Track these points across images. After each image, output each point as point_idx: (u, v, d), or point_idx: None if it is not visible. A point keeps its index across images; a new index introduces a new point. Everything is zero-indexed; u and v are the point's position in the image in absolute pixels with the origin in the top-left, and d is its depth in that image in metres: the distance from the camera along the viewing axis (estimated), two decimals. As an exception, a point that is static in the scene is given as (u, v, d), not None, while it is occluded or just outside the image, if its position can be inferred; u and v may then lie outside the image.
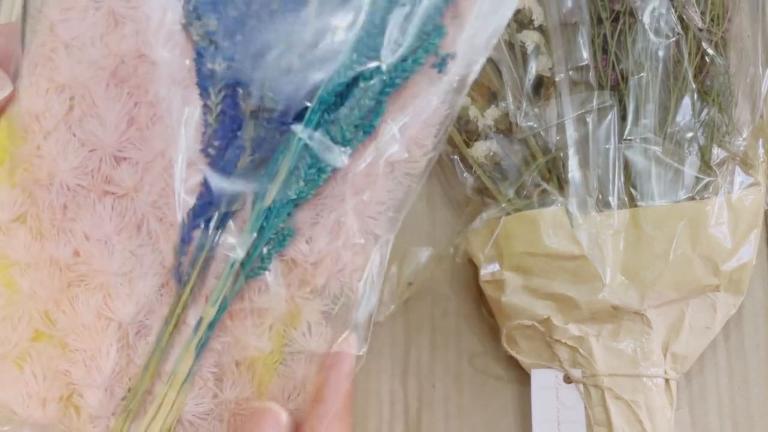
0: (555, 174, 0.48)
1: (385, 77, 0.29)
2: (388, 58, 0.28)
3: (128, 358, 0.32)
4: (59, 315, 0.32)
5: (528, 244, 0.47)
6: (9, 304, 0.32)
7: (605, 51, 0.49)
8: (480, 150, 0.50)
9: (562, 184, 0.48)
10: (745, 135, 0.49)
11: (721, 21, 0.49)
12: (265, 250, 0.31)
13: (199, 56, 0.29)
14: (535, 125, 0.49)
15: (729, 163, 0.48)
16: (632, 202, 0.47)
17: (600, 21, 0.49)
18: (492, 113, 0.50)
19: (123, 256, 0.32)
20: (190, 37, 0.30)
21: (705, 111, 0.48)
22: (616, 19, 0.49)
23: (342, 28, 0.28)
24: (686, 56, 0.48)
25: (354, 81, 0.29)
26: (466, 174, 0.50)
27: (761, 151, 0.49)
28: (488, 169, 0.49)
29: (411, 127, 0.30)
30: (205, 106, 0.30)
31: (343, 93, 0.29)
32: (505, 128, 0.50)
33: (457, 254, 0.49)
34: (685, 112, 0.48)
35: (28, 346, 0.33)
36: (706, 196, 0.47)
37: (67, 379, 0.32)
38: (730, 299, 0.47)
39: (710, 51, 0.48)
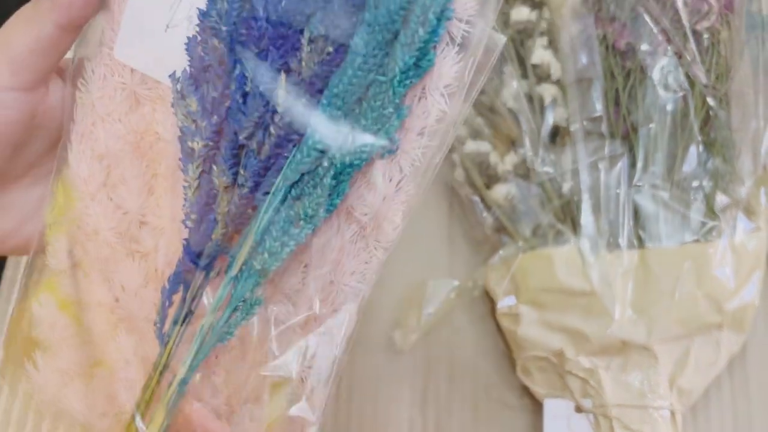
0: (569, 216, 0.52)
1: (345, 160, 0.30)
2: (345, 144, 0.30)
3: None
4: (109, 348, 0.36)
5: (543, 281, 0.50)
6: (76, 335, 0.36)
7: (617, 104, 0.53)
8: (499, 192, 0.53)
9: (575, 225, 0.51)
10: (748, 184, 0.52)
11: (724, 78, 0.53)
12: (233, 317, 0.33)
13: (182, 134, 0.32)
14: (551, 171, 0.53)
15: (732, 210, 0.51)
16: (641, 244, 0.50)
17: (613, 76, 0.53)
18: (511, 159, 0.54)
19: (150, 305, 0.35)
20: None
21: (710, 161, 0.52)
22: (627, 75, 0.53)
23: (306, 113, 0.30)
24: (692, 110, 0.52)
25: (317, 161, 0.30)
26: (485, 214, 0.54)
27: (764, 199, 0.52)
28: (507, 210, 0.53)
29: (370, 202, 0.32)
30: (185, 180, 0.33)
31: (308, 171, 0.31)
32: (523, 173, 0.53)
33: (476, 288, 0.53)
34: (692, 161, 0.51)
35: (91, 370, 0.36)
36: (710, 239, 0.50)
37: (117, 401, 0.36)
38: (734, 337, 0.50)
39: (715, 106, 0.52)
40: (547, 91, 0.54)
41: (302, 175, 0.31)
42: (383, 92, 0.30)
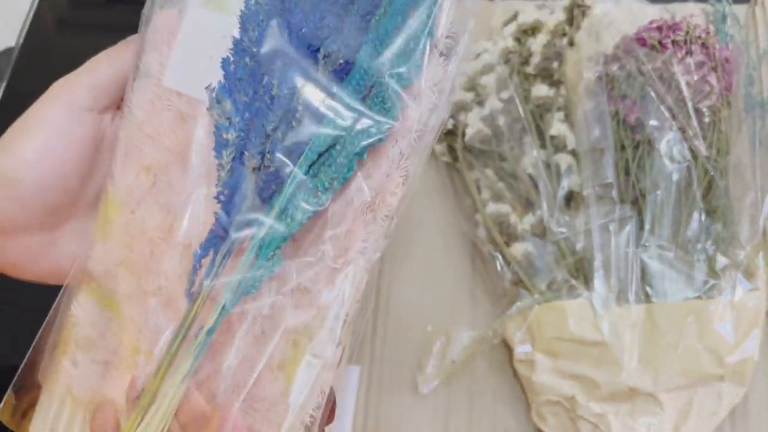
0: (581, 272, 0.57)
1: (354, 143, 0.38)
2: (354, 128, 0.38)
3: None
4: (148, 332, 0.41)
5: (557, 331, 0.55)
6: (117, 326, 0.42)
7: (627, 172, 0.58)
8: (518, 250, 0.58)
9: (587, 281, 0.56)
10: (747, 249, 0.57)
11: (724, 152, 0.58)
12: (257, 274, 0.39)
13: (217, 129, 0.39)
14: (566, 231, 0.57)
15: (732, 270, 0.55)
16: (647, 299, 0.55)
17: (623, 148, 0.59)
18: (529, 220, 0.59)
19: None
20: None
21: (712, 226, 0.57)
22: (636, 147, 0.58)
23: (322, 110, 0.38)
24: (696, 180, 0.57)
25: (332, 143, 0.38)
26: (505, 269, 0.58)
27: (762, 263, 0.57)
28: (524, 265, 0.58)
29: (377, 179, 0.39)
30: (219, 164, 0.40)
31: (323, 153, 0.38)
32: (540, 232, 0.58)
33: (495, 337, 0.57)
34: (695, 225, 0.56)
35: (129, 356, 0.41)
36: (712, 296, 0.54)
37: None
38: (734, 389, 0.54)
39: (716, 176, 0.57)
40: (563, 159, 0.60)
41: (319, 155, 0.38)
42: (384, 91, 0.37)
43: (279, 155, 0.38)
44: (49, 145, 0.42)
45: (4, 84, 0.79)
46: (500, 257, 0.59)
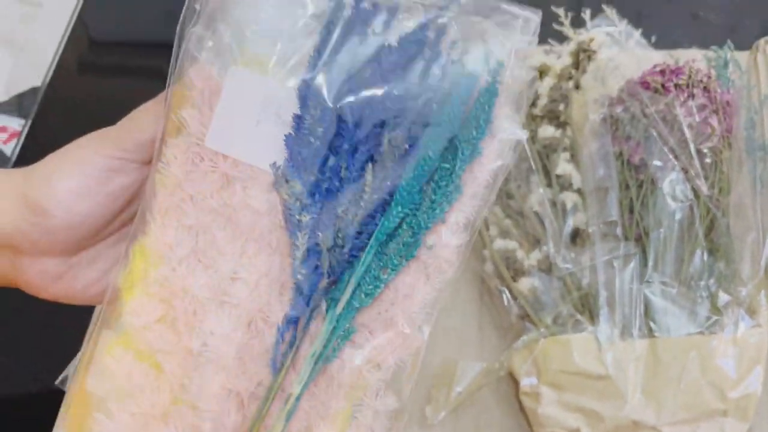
0: (586, 307, 0.58)
1: (419, 221, 0.40)
2: (420, 209, 0.40)
3: (243, 416, 0.42)
4: (192, 386, 0.42)
5: (562, 364, 0.56)
6: (155, 379, 0.42)
7: (631, 211, 0.60)
8: (524, 285, 0.60)
9: (592, 315, 0.57)
10: (749, 286, 0.58)
11: (726, 192, 0.59)
12: (335, 343, 0.41)
13: (288, 210, 0.40)
14: (571, 267, 0.59)
15: (734, 307, 0.56)
16: (651, 334, 0.56)
17: (627, 187, 0.61)
18: (536, 255, 0.60)
19: (238, 346, 0.42)
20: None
21: (714, 264, 0.58)
22: (640, 186, 0.60)
23: (390, 193, 0.40)
24: (698, 219, 0.58)
25: (399, 224, 0.40)
26: (512, 303, 0.60)
27: (764, 300, 0.58)
28: (531, 300, 0.59)
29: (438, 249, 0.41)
30: (294, 244, 0.41)
31: (390, 233, 0.41)
32: (546, 268, 0.60)
33: (501, 369, 0.58)
34: (697, 263, 0.58)
35: (170, 408, 0.42)
36: (714, 331, 0.55)
37: None
38: (737, 425, 0.55)
39: (718, 215, 0.58)
40: (569, 198, 0.61)
41: (388, 234, 0.40)
42: (447, 176, 0.40)
43: (351, 235, 0.40)
44: (86, 190, 0.44)
45: (29, 122, 0.82)
46: (507, 292, 0.60)
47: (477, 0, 0.40)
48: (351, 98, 0.39)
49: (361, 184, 0.40)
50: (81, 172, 0.44)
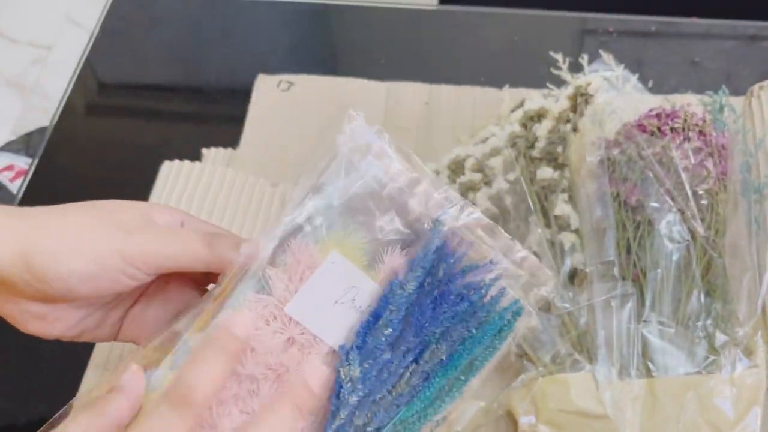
0: (585, 346, 0.58)
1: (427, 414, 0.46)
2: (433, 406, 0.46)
3: None
4: None
5: (560, 403, 0.56)
6: None
7: (628, 251, 0.61)
8: (523, 323, 0.60)
9: (590, 354, 0.58)
10: (746, 327, 0.58)
11: (722, 233, 0.60)
12: None
13: (340, 387, 0.43)
14: (569, 306, 0.59)
15: (732, 347, 0.57)
16: (649, 373, 0.56)
17: (624, 227, 0.61)
18: (534, 295, 0.61)
19: None
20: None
21: (711, 304, 0.58)
22: (637, 227, 0.61)
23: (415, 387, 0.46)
24: (695, 259, 0.59)
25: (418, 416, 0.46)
26: (510, 342, 0.60)
27: (761, 341, 0.58)
28: (529, 339, 0.60)
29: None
30: (333, 413, 0.43)
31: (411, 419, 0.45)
32: (545, 307, 0.60)
33: (500, 408, 0.58)
34: (694, 303, 0.58)
35: None
36: (711, 371, 0.56)
37: None
38: (736, 466, 0.55)
39: (714, 256, 0.59)
40: (567, 238, 0.62)
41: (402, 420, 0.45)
42: (458, 389, 0.47)
43: (378, 417, 0.44)
44: (92, 278, 0.44)
45: (36, 161, 0.83)
46: (506, 330, 0.61)
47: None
48: (419, 314, 0.45)
49: (400, 383, 0.45)
50: (93, 262, 0.44)
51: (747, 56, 0.85)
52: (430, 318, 0.45)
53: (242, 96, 0.84)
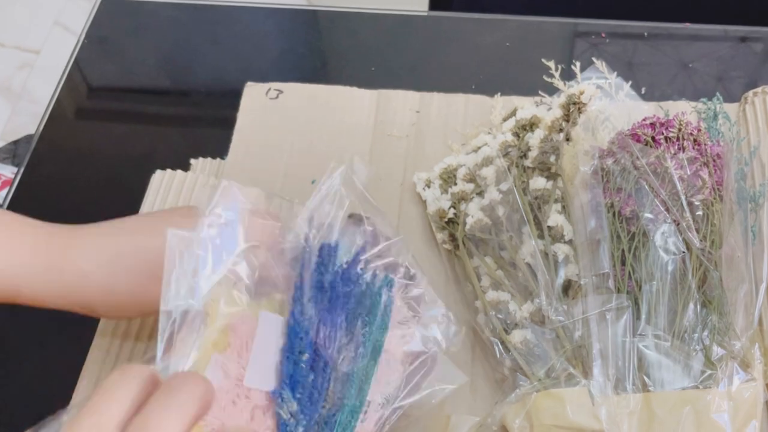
0: (580, 360, 0.57)
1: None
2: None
3: None
4: None
5: (555, 418, 0.55)
6: None
7: (623, 263, 0.60)
8: (517, 337, 0.59)
9: (585, 368, 0.57)
10: (743, 340, 0.57)
11: (717, 244, 0.59)
12: None
13: (283, 425, 0.46)
14: (564, 319, 0.59)
15: (728, 360, 0.56)
16: (645, 387, 0.55)
17: (618, 239, 0.61)
18: (528, 308, 0.60)
19: None
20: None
21: (708, 316, 0.58)
22: (632, 238, 0.60)
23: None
24: (690, 271, 0.58)
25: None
26: (504, 355, 0.59)
27: (757, 354, 0.58)
28: (523, 352, 0.59)
29: None
30: None
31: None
32: (539, 320, 0.59)
33: (494, 423, 0.57)
34: (690, 315, 0.57)
35: None
36: (708, 385, 0.55)
37: None
38: (734, 481, 0.54)
39: (710, 267, 0.58)
40: (561, 249, 0.61)
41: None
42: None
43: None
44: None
45: (22, 170, 0.82)
46: (499, 344, 0.60)
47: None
48: (318, 332, 0.48)
49: (329, 393, 0.48)
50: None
51: (739, 60, 0.84)
52: (331, 325, 0.49)
53: (232, 102, 0.82)
